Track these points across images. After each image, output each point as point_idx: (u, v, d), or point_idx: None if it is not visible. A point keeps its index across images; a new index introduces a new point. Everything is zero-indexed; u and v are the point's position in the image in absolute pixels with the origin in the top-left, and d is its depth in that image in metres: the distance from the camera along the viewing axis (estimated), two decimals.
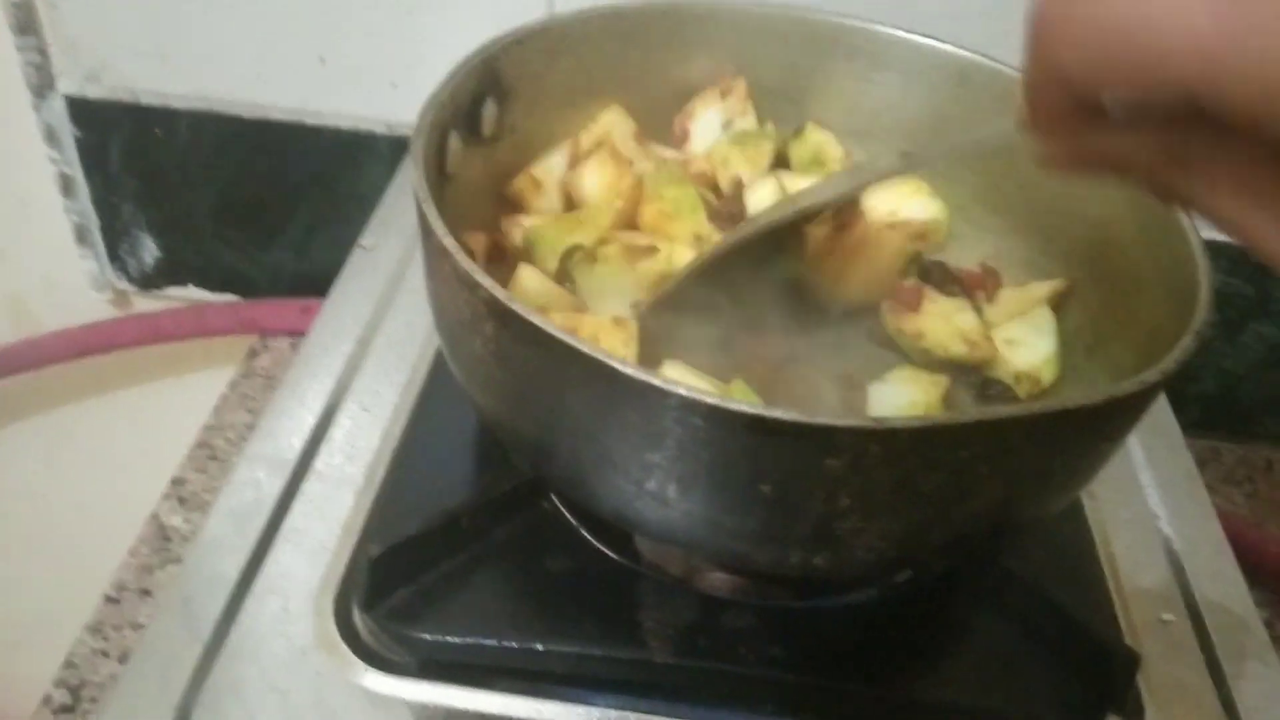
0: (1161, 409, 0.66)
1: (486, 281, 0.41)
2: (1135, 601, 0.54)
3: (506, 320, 0.41)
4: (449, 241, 0.43)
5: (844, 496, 0.39)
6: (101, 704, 0.59)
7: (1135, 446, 0.63)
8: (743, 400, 0.38)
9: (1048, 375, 0.54)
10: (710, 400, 0.38)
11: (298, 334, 0.88)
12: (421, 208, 0.44)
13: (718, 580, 0.51)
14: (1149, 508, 0.60)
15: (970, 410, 0.44)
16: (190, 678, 0.46)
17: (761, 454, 0.39)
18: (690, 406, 0.38)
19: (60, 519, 1.08)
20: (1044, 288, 0.57)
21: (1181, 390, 0.88)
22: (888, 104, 0.64)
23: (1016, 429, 0.39)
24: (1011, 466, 0.40)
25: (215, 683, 0.46)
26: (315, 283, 0.89)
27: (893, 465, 0.38)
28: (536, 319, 0.40)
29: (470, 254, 0.53)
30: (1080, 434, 0.41)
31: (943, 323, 0.56)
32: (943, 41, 0.62)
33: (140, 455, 0.90)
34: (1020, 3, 0.69)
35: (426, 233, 0.45)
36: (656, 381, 0.38)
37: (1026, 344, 0.55)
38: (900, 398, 0.52)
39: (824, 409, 0.51)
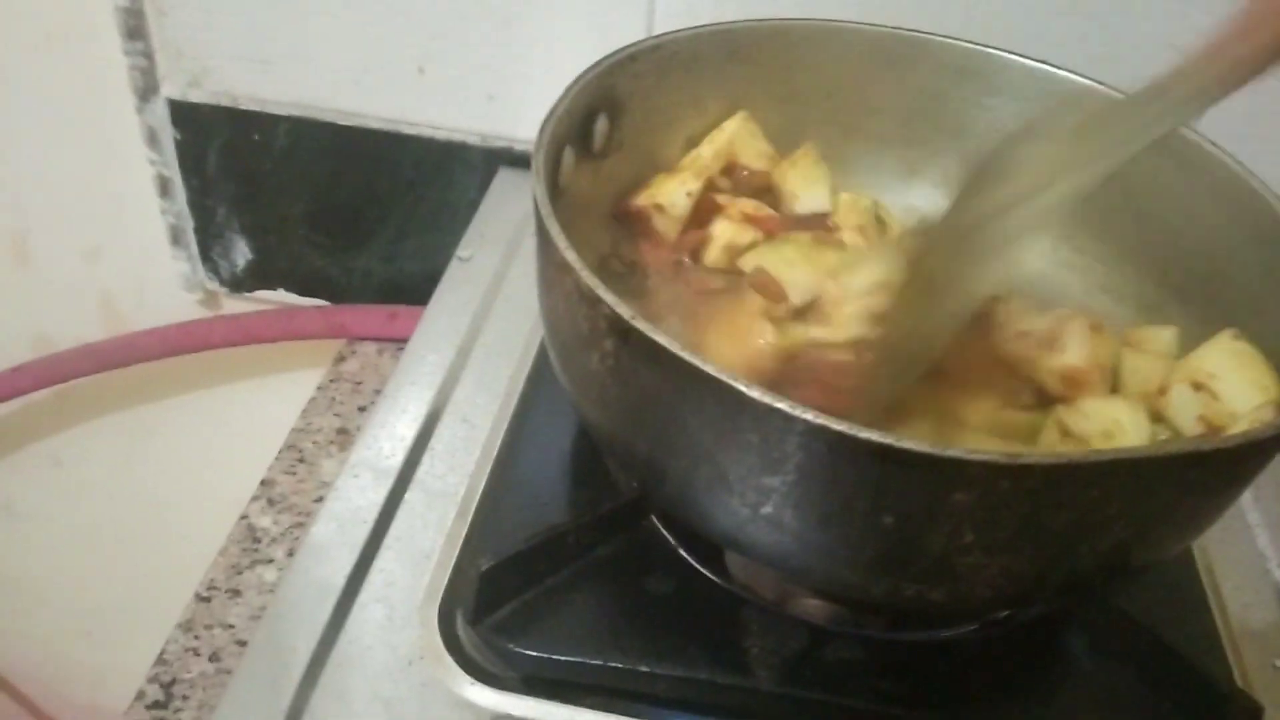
0: None
1: (609, 297, 0.41)
2: (1247, 646, 0.53)
3: (628, 337, 0.41)
4: (570, 255, 0.43)
5: (968, 531, 0.39)
6: (213, 710, 0.60)
7: None
8: (871, 430, 0.37)
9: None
10: (838, 427, 0.37)
11: (384, 339, 0.89)
12: (543, 222, 0.44)
13: (812, 606, 0.51)
14: (1258, 549, 0.58)
15: (1106, 450, 0.43)
16: (298, 685, 0.46)
17: (887, 484, 0.38)
18: (816, 432, 0.38)
19: (144, 516, 1.10)
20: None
21: None
22: (997, 128, 0.62)
23: (1150, 469, 0.38)
24: (1140, 507, 0.39)
25: (322, 690, 0.46)
26: (403, 290, 0.90)
27: (1022, 501, 0.38)
28: (660, 337, 0.40)
29: None
30: (1212, 476, 0.40)
31: None
32: (1057, 67, 0.61)
33: (226, 455, 0.91)
34: (1125, 29, 0.69)
35: (547, 247, 0.45)
36: (782, 405, 0.38)
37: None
38: None
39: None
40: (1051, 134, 0.48)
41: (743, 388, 0.38)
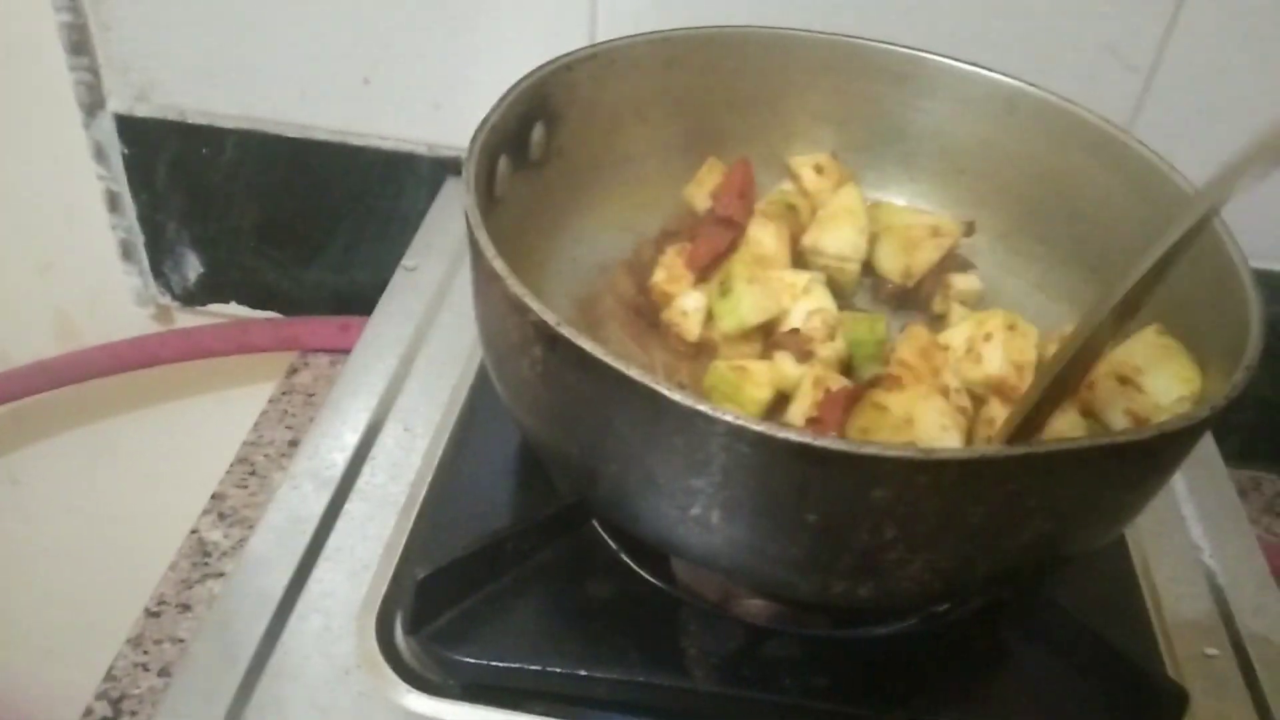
0: (1204, 441, 0.66)
1: (536, 305, 0.41)
2: (1178, 635, 0.53)
3: (555, 344, 0.41)
4: (499, 264, 0.43)
5: (890, 527, 0.39)
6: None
7: (1178, 479, 0.62)
8: (789, 429, 0.38)
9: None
10: (757, 427, 0.38)
11: (337, 351, 0.89)
12: (473, 232, 0.45)
13: (754, 607, 0.51)
14: (1191, 540, 0.59)
15: (1019, 444, 0.43)
16: (234, 695, 0.46)
17: (808, 482, 0.39)
18: (737, 433, 0.38)
19: (101, 532, 1.10)
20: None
21: (1222, 420, 0.87)
22: (934, 131, 0.64)
23: (1065, 463, 0.38)
24: (1059, 500, 0.40)
25: (259, 701, 0.46)
26: (354, 301, 0.90)
27: (940, 497, 0.38)
28: (585, 343, 0.40)
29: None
30: (1129, 468, 0.41)
31: None
32: (989, 70, 0.62)
33: (180, 469, 0.91)
34: (1062, 31, 0.70)
35: (477, 256, 0.45)
36: (703, 408, 0.38)
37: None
38: None
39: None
40: None
41: (664, 391, 0.39)
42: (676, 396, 0.38)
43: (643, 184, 0.64)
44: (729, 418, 0.38)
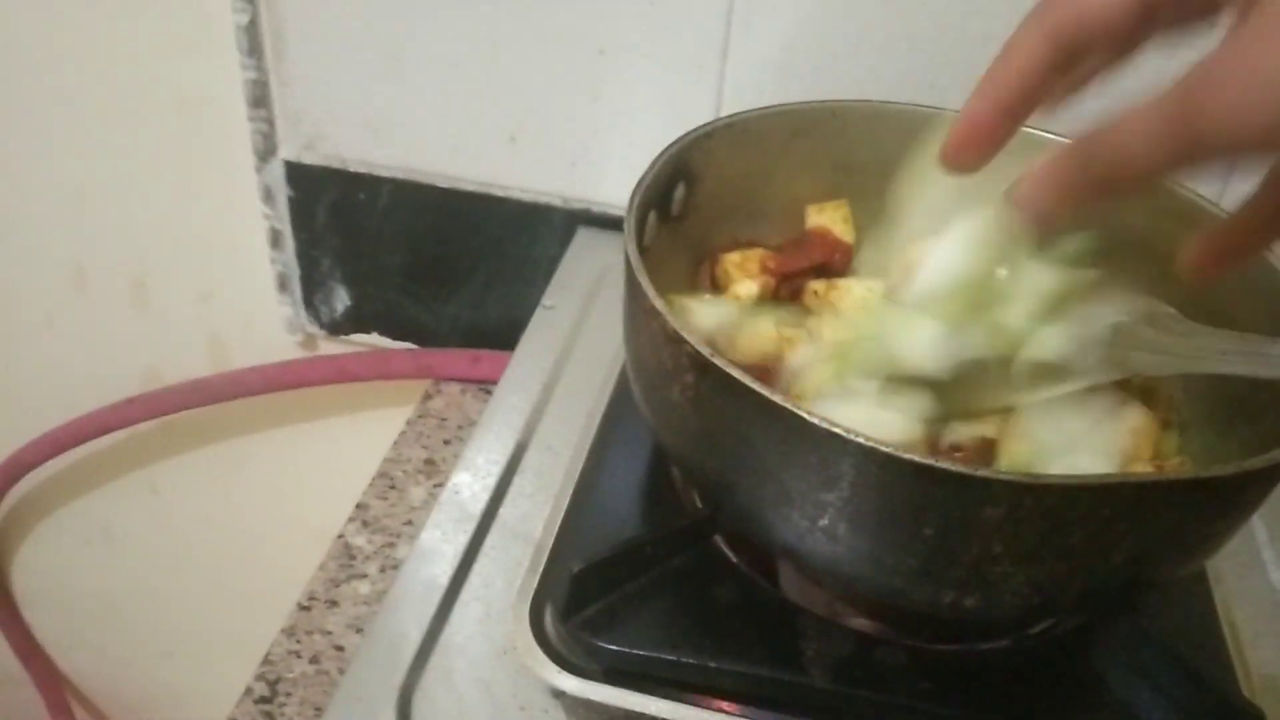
0: None
1: (692, 338, 0.48)
2: (1256, 669, 0.58)
3: (707, 371, 0.48)
4: (658, 303, 0.50)
5: (997, 543, 0.45)
6: (315, 707, 0.68)
7: (1258, 525, 0.67)
8: (913, 452, 0.44)
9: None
10: (885, 449, 0.44)
11: (468, 381, 0.97)
12: (634, 274, 0.52)
13: (859, 624, 0.57)
14: (1270, 582, 0.64)
15: (1115, 473, 0.49)
16: (410, 663, 0.53)
17: (927, 500, 0.45)
18: (867, 453, 0.44)
19: (240, 543, 1.19)
20: None
21: None
22: None
23: (1155, 492, 0.44)
24: (1147, 526, 0.45)
25: (432, 669, 0.53)
26: (486, 335, 0.98)
27: (1042, 517, 0.44)
28: (735, 371, 0.47)
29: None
30: (1212, 502, 0.46)
31: None
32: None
33: (325, 483, 0.99)
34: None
35: (637, 295, 0.52)
36: (838, 430, 0.45)
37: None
38: None
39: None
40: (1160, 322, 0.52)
41: (804, 414, 0.45)
42: (815, 420, 0.45)
43: (767, 236, 0.71)
44: (860, 439, 0.44)
